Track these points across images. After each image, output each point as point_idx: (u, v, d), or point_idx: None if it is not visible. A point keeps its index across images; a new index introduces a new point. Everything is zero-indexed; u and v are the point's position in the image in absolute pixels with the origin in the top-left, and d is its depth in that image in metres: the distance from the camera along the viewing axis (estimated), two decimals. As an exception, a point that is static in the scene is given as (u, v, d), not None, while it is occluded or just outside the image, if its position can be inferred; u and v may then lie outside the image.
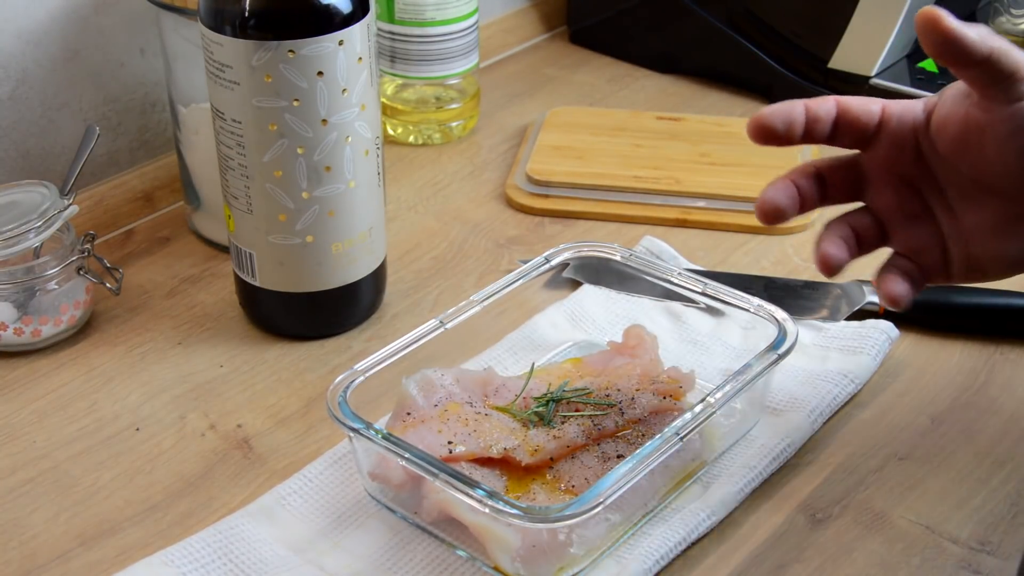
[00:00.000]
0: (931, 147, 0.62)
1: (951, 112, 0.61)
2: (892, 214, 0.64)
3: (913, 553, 0.62)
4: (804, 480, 0.66)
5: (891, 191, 0.64)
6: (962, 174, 0.62)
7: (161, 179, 0.92)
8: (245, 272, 0.76)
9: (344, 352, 0.77)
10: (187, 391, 0.74)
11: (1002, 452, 0.68)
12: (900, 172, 0.64)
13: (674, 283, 0.73)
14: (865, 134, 0.63)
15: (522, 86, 1.12)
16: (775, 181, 0.64)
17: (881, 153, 0.64)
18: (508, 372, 0.72)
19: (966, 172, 0.61)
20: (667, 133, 0.99)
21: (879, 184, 0.64)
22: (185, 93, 0.83)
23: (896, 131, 0.63)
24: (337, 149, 0.71)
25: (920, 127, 0.63)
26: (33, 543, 0.63)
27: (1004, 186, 0.60)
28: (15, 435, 0.70)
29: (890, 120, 0.63)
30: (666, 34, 1.12)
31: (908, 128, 0.63)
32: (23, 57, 0.84)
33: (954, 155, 0.61)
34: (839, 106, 0.63)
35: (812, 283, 0.80)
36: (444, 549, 0.61)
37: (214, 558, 0.60)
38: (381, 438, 0.60)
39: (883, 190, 0.64)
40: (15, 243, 0.74)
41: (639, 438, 0.64)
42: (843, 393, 0.71)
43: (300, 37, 0.68)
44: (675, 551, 0.61)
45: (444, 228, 0.90)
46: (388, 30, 0.98)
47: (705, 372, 0.72)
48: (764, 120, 0.62)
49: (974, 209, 0.62)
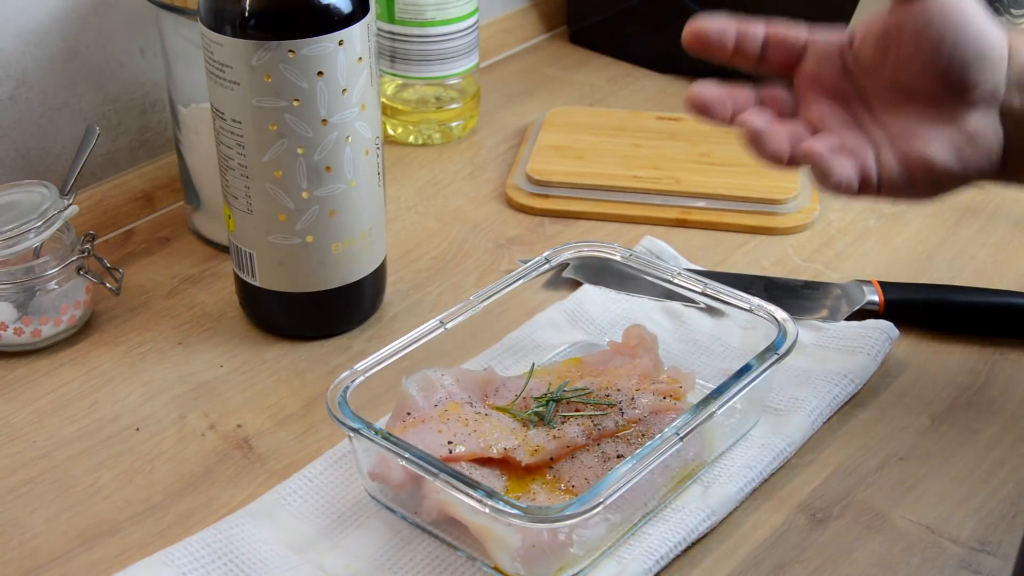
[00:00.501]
0: (855, 60, 0.65)
1: (872, 23, 0.65)
2: (825, 122, 0.66)
3: (913, 553, 0.62)
4: (804, 480, 0.66)
5: (820, 103, 0.66)
6: (885, 81, 0.64)
7: (161, 179, 0.92)
8: (245, 272, 0.76)
9: (344, 352, 0.77)
10: (187, 391, 0.74)
11: (1002, 452, 0.68)
12: (827, 86, 0.66)
13: (674, 283, 0.73)
14: (792, 51, 0.67)
15: (522, 86, 1.12)
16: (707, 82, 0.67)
17: (808, 69, 0.66)
18: (508, 372, 0.72)
19: (888, 77, 0.64)
20: (667, 133, 0.99)
21: (808, 99, 0.66)
22: (185, 93, 0.83)
23: (821, 48, 0.66)
24: (337, 149, 0.71)
25: (844, 44, 0.66)
26: (33, 543, 0.63)
27: (922, 86, 0.63)
28: (15, 435, 0.70)
29: (816, 40, 0.67)
30: (666, 34, 1.12)
31: (834, 45, 0.66)
32: (23, 57, 0.84)
33: (876, 61, 0.64)
34: (767, 25, 0.67)
35: (812, 283, 0.80)
36: (444, 549, 0.61)
37: (214, 558, 0.60)
38: (381, 438, 0.60)
39: (813, 104, 0.66)
40: (15, 243, 0.74)
41: (639, 438, 0.64)
42: (843, 393, 0.71)
43: (300, 37, 0.68)
44: (675, 551, 0.61)
45: (444, 228, 0.90)
46: (388, 30, 0.98)
47: (705, 372, 0.72)
48: (700, 28, 0.67)
49: (897, 116, 0.64)
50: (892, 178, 0.63)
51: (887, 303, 0.77)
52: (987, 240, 0.87)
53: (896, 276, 0.82)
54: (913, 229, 0.89)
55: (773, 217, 0.89)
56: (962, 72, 0.62)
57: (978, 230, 0.88)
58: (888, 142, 0.64)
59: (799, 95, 0.67)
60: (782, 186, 0.90)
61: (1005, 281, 0.82)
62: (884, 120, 0.64)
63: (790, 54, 0.67)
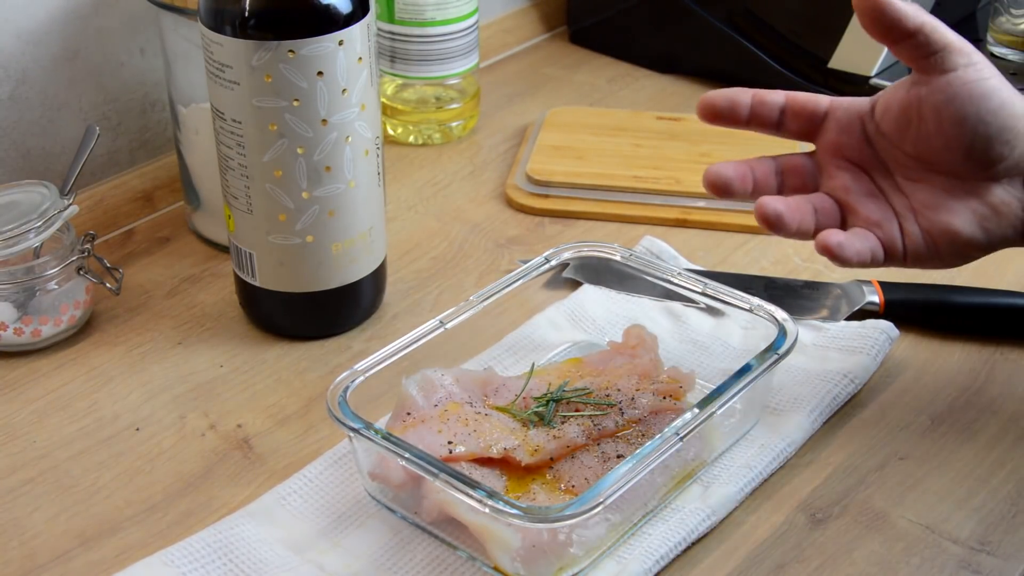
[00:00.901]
0: (876, 130, 0.65)
1: (894, 94, 0.64)
2: (848, 194, 0.66)
3: (913, 553, 0.62)
4: (804, 480, 0.66)
5: (843, 174, 0.66)
6: (907, 154, 0.64)
7: (161, 179, 0.92)
8: (245, 272, 0.76)
9: (344, 352, 0.77)
10: (187, 391, 0.74)
11: (1002, 452, 0.68)
12: (849, 157, 0.66)
13: (674, 283, 0.73)
14: (812, 121, 0.67)
15: (522, 86, 1.12)
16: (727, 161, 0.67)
17: (830, 139, 0.66)
18: (508, 372, 0.72)
19: (910, 150, 0.64)
20: (667, 133, 0.99)
21: (831, 169, 0.67)
22: (185, 93, 0.83)
23: (843, 118, 0.66)
24: (337, 149, 0.71)
25: (865, 114, 0.66)
26: (33, 543, 0.63)
27: (945, 160, 0.63)
28: (15, 435, 0.70)
29: (837, 108, 0.66)
30: (666, 34, 1.13)
31: (855, 115, 0.66)
32: (23, 57, 0.84)
33: (897, 133, 0.64)
34: (787, 94, 0.67)
35: (812, 283, 0.80)
36: (444, 549, 0.61)
37: (214, 558, 0.60)
38: (381, 438, 0.60)
39: (835, 173, 0.66)
40: (15, 243, 0.74)
41: (639, 438, 0.64)
42: (843, 393, 0.71)
43: (300, 37, 0.68)
44: (675, 551, 0.61)
45: (444, 228, 0.90)
46: (388, 30, 0.98)
47: (705, 372, 0.72)
48: (709, 99, 0.66)
49: (921, 188, 0.64)
50: (917, 249, 0.64)
51: (887, 303, 0.77)
52: (987, 240, 0.87)
53: (896, 276, 0.82)
54: (913, 229, 0.88)
55: (773, 217, 0.89)
56: (985, 147, 0.62)
57: (978, 230, 0.88)
58: (912, 213, 0.64)
59: (821, 162, 0.67)
60: (782, 186, 0.90)
61: (1005, 281, 0.82)
62: (908, 190, 0.64)
63: (810, 122, 0.67)
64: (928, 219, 0.64)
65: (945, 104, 0.61)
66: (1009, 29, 1.04)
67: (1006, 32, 1.04)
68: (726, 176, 0.66)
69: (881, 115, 0.65)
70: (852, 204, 0.65)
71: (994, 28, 1.04)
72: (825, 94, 0.68)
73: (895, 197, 0.65)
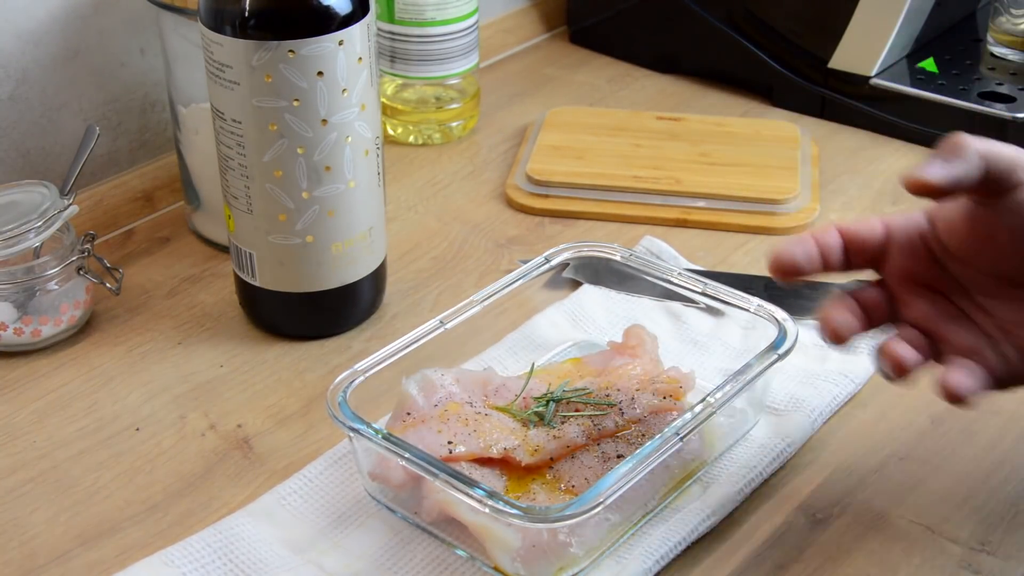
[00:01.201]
0: (944, 250, 0.61)
1: (954, 212, 0.60)
2: (931, 322, 0.61)
3: (913, 553, 0.62)
4: (804, 480, 0.66)
5: (920, 301, 0.62)
6: (985, 272, 0.60)
7: (161, 179, 0.92)
8: (245, 272, 0.76)
9: (344, 352, 0.77)
10: (187, 391, 0.74)
11: (1002, 452, 0.68)
12: (921, 281, 0.62)
13: (674, 283, 0.73)
14: (874, 251, 0.62)
15: (522, 86, 1.12)
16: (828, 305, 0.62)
17: (897, 265, 0.62)
18: (508, 372, 0.72)
19: (987, 269, 0.60)
20: (667, 133, 0.99)
21: (907, 297, 0.62)
22: (185, 93, 0.83)
23: (903, 241, 0.62)
24: (337, 149, 0.71)
25: (926, 233, 0.61)
26: (33, 543, 0.63)
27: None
28: (15, 435, 0.70)
29: (894, 231, 0.62)
30: (666, 34, 1.12)
31: (915, 235, 0.62)
32: (23, 57, 0.84)
33: (971, 254, 0.60)
34: (840, 231, 0.62)
35: (812, 283, 0.80)
36: (444, 549, 0.61)
37: (214, 558, 0.60)
38: (381, 438, 0.60)
39: (912, 302, 0.62)
40: (15, 243, 0.74)
41: (639, 438, 0.64)
42: (843, 393, 0.71)
43: (300, 37, 0.68)
44: (675, 551, 0.61)
45: (444, 228, 0.90)
46: (388, 30, 0.98)
47: (705, 372, 0.72)
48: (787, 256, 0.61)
49: (1002, 304, 0.60)
50: (1016, 370, 0.60)
51: (887, 303, 0.77)
52: (987, 240, 0.87)
53: (896, 276, 0.82)
54: (913, 229, 0.88)
55: (773, 217, 0.89)
56: None
57: (978, 230, 0.88)
58: (1003, 333, 0.60)
59: (894, 292, 0.62)
60: (782, 186, 0.90)
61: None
62: (990, 308, 0.60)
63: (872, 252, 0.62)
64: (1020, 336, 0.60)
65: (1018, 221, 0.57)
66: (1009, 29, 1.04)
67: (1006, 32, 1.04)
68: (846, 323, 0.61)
69: (948, 236, 0.60)
70: (939, 332, 0.61)
71: (994, 28, 1.04)
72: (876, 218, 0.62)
73: (979, 317, 0.61)
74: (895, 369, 0.59)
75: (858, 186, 0.95)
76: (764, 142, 0.97)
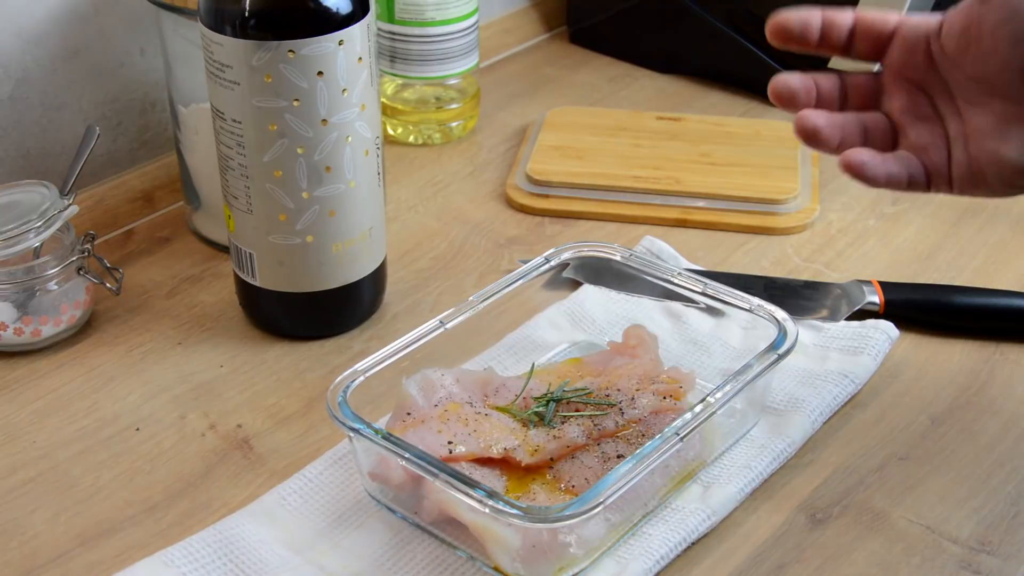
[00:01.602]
0: (940, 50, 0.64)
1: (958, 13, 0.63)
2: (903, 115, 0.65)
3: (913, 553, 0.62)
4: (804, 480, 0.66)
5: (904, 94, 0.65)
6: (967, 75, 0.63)
7: (161, 179, 0.92)
8: (245, 272, 0.76)
9: (344, 352, 0.77)
10: (187, 391, 0.74)
11: (1002, 452, 0.68)
12: (912, 76, 0.65)
13: (674, 283, 0.73)
14: (881, 39, 0.65)
15: (522, 86, 1.12)
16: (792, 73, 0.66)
17: (895, 57, 0.65)
18: (508, 372, 0.72)
19: (969, 71, 0.63)
20: (667, 133, 0.99)
21: (893, 88, 0.66)
22: (185, 93, 0.83)
23: (909, 36, 0.65)
24: (337, 149, 0.71)
25: (933, 32, 0.64)
26: (33, 543, 0.63)
27: (1002, 81, 0.61)
28: (15, 435, 0.70)
29: (904, 27, 0.65)
30: (666, 34, 1.12)
31: (922, 33, 0.64)
32: (23, 57, 0.84)
33: (958, 53, 0.63)
34: (856, 14, 0.65)
35: (812, 283, 0.80)
36: (444, 549, 0.61)
37: (214, 558, 0.60)
38: (381, 438, 0.60)
39: (896, 94, 0.65)
40: (15, 243, 0.74)
41: (639, 438, 0.64)
42: (843, 393, 0.71)
43: (300, 37, 0.68)
44: (675, 551, 0.61)
45: (444, 228, 0.90)
46: (388, 30, 0.98)
47: (705, 372, 0.72)
48: (782, 20, 0.64)
49: (977, 112, 0.63)
50: (962, 176, 0.63)
51: (887, 303, 0.77)
52: (987, 240, 0.87)
53: (896, 276, 0.82)
54: (913, 229, 0.88)
55: (773, 217, 0.89)
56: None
57: (978, 230, 0.88)
58: (963, 139, 0.63)
59: (885, 82, 0.66)
60: (782, 186, 0.90)
61: (1005, 281, 0.82)
62: (966, 114, 0.63)
63: (878, 42, 0.65)
64: (978, 146, 0.62)
65: (1004, 22, 0.60)
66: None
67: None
68: (792, 86, 0.65)
69: (946, 34, 0.63)
70: (904, 126, 0.65)
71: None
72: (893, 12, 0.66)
73: (951, 121, 0.64)
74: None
75: (858, 186, 0.94)
76: (764, 142, 0.97)
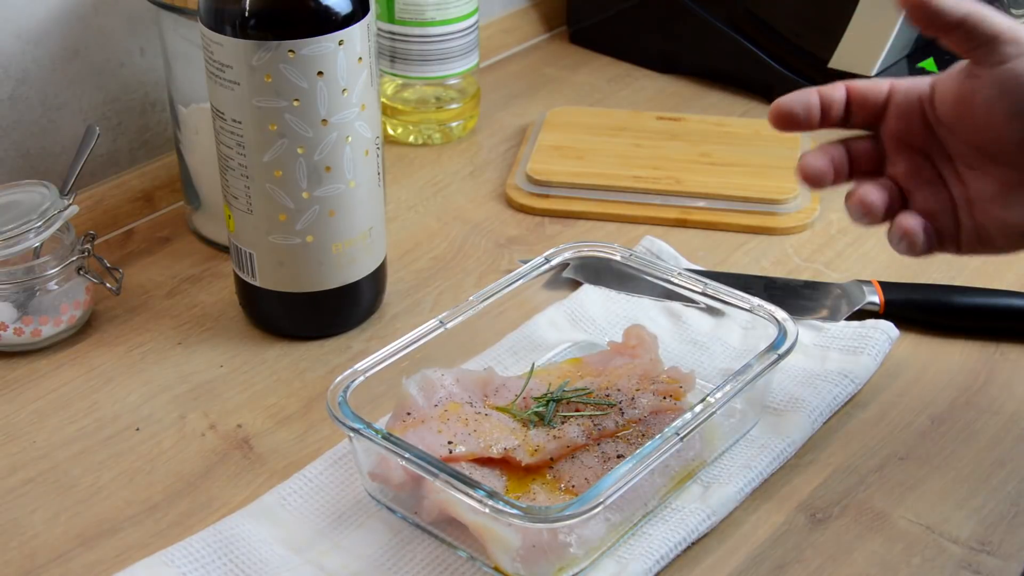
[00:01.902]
0: (935, 116, 0.64)
1: (949, 82, 0.64)
2: (909, 180, 0.65)
3: (913, 553, 0.62)
4: (804, 480, 0.66)
5: (905, 160, 0.66)
6: (964, 142, 0.63)
7: (161, 179, 0.92)
8: (245, 272, 0.76)
9: (344, 352, 0.77)
10: (187, 391, 0.74)
11: (1002, 452, 0.68)
12: (911, 142, 0.66)
13: (674, 283, 0.73)
14: (875, 109, 0.66)
15: (522, 86, 1.12)
16: (811, 151, 0.66)
17: (892, 124, 0.66)
18: (508, 372, 0.72)
19: (966, 140, 0.63)
20: (667, 133, 0.99)
21: (894, 155, 0.66)
22: (185, 93, 0.83)
23: (903, 102, 0.65)
24: (337, 149, 0.71)
25: (926, 98, 0.65)
26: (33, 543, 0.63)
27: (1000, 152, 0.62)
28: (15, 435, 0.70)
29: (897, 92, 0.66)
30: (666, 34, 1.12)
31: (915, 99, 0.65)
32: (23, 57, 0.84)
33: (953, 122, 0.63)
34: (848, 87, 0.66)
35: (812, 283, 0.80)
36: (444, 549, 0.61)
37: (214, 558, 0.60)
38: (381, 438, 0.60)
39: (898, 160, 0.66)
40: (15, 243, 0.74)
41: (639, 438, 0.64)
42: (843, 393, 0.71)
43: (300, 37, 0.68)
44: (675, 551, 0.61)
45: (444, 228, 0.90)
46: (388, 30, 0.98)
47: (705, 372, 0.72)
48: (784, 107, 0.65)
49: (979, 177, 0.63)
50: (970, 240, 0.64)
51: (887, 303, 0.77)
52: (987, 240, 0.87)
53: (896, 276, 0.82)
54: (913, 229, 0.88)
55: (773, 217, 0.89)
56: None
57: (978, 230, 0.88)
58: (967, 204, 0.64)
59: (885, 149, 0.66)
60: (782, 186, 0.90)
61: (1005, 281, 0.82)
62: (967, 178, 0.64)
63: (873, 111, 0.66)
64: (984, 212, 0.63)
65: (998, 99, 0.60)
66: (1009, 29, 1.04)
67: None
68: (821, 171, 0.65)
69: (939, 102, 0.64)
70: (910, 191, 0.65)
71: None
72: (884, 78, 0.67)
73: (954, 185, 0.64)
74: (861, 209, 0.64)
75: (858, 186, 0.94)
76: (764, 142, 0.97)
